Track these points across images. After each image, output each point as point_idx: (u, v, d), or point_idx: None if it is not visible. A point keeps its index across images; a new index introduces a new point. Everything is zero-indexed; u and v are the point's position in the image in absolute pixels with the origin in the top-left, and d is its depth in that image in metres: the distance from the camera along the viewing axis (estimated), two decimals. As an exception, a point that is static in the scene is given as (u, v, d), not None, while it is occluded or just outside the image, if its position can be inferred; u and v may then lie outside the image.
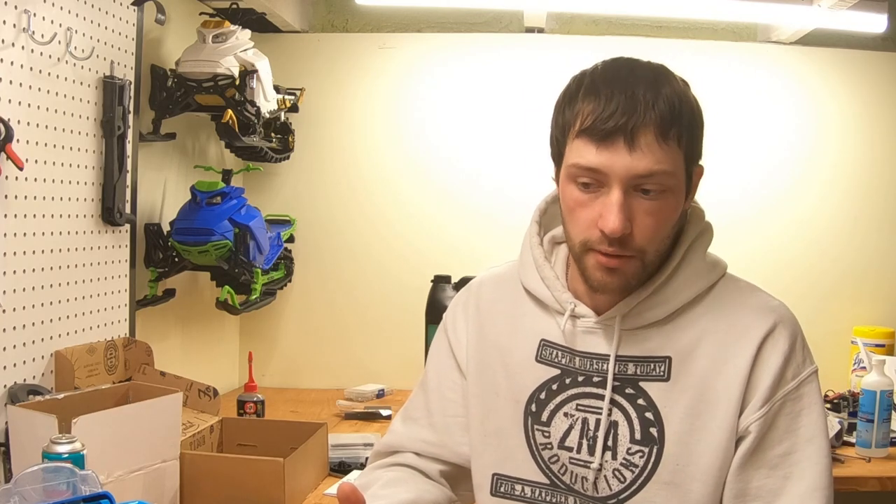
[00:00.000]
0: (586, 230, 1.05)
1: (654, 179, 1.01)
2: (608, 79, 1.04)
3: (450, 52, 2.77)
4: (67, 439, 1.25)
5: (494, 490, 1.17)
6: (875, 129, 2.72)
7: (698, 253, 1.12)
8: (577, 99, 1.05)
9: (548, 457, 1.13)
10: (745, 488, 1.05)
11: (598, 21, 2.79)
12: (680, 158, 1.04)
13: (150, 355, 1.98)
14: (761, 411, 1.05)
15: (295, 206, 2.79)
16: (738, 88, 2.71)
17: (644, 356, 1.09)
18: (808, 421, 1.06)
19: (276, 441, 1.80)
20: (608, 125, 1.00)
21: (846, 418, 2.17)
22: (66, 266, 1.79)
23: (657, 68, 1.07)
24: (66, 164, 1.78)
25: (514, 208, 2.70)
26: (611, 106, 1.00)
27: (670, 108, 1.01)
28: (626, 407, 1.09)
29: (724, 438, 1.05)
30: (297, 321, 2.83)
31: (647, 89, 1.01)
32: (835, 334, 2.68)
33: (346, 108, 2.79)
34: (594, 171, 1.02)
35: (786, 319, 1.09)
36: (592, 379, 1.11)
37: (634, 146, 1.00)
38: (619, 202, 1.01)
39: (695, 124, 1.06)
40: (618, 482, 1.09)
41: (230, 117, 2.16)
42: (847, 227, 2.73)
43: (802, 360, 1.08)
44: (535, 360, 1.16)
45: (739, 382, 1.05)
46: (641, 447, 1.08)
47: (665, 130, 1.01)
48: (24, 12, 1.61)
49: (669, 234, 1.08)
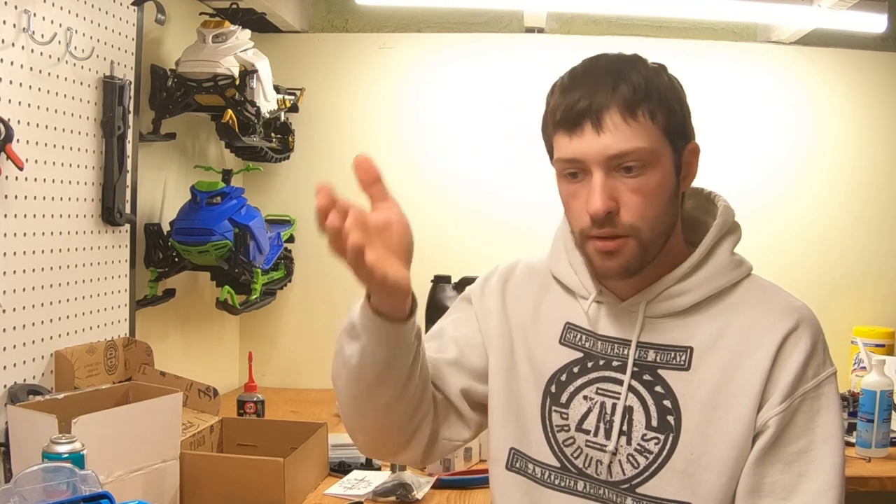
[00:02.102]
0: (580, 219, 1.07)
1: (630, 156, 1.03)
2: (576, 76, 1.08)
3: (450, 52, 2.77)
4: (67, 439, 1.25)
5: (510, 464, 1.18)
6: (875, 129, 2.72)
7: (726, 248, 1.15)
8: (551, 98, 1.10)
9: (562, 439, 1.14)
10: (759, 483, 1.06)
11: (598, 21, 2.79)
12: (656, 134, 1.05)
13: (150, 355, 1.98)
14: (780, 407, 1.05)
15: (295, 206, 2.79)
16: (738, 88, 2.71)
17: (666, 344, 1.10)
18: (825, 420, 1.07)
19: (276, 441, 1.80)
20: (573, 112, 1.04)
21: (846, 418, 2.17)
22: (66, 266, 1.79)
23: (623, 56, 1.09)
24: (66, 164, 1.78)
25: (513, 208, 2.71)
26: (575, 94, 1.04)
27: (634, 87, 1.03)
28: (642, 393, 1.10)
29: (742, 432, 1.06)
30: (297, 321, 2.83)
31: (609, 75, 1.05)
32: (835, 334, 2.64)
33: (346, 108, 2.79)
34: (573, 160, 1.05)
35: (809, 320, 1.11)
36: (612, 363, 1.12)
37: (602, 127, 1.03)
38: (599, 184, 1.03)
39: (671, 101, 1.07)
40: (631, 467, 1.09)
41: (230, 117, 2.16)
42: (847, 227, 2.73)
43: (823, 361, 1.09)
44: (559, 343, 1.17)
45: (760, 377, 1.06)
46: (657, 434, 1.09)
47: (631, 108, 1.03)
48: (24, 12, 1.61)
49: (664, 211, 1.08)
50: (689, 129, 1.12)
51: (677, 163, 1.09)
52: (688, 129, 1.11)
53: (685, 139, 1.10)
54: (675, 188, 1.10)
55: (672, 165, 1.08)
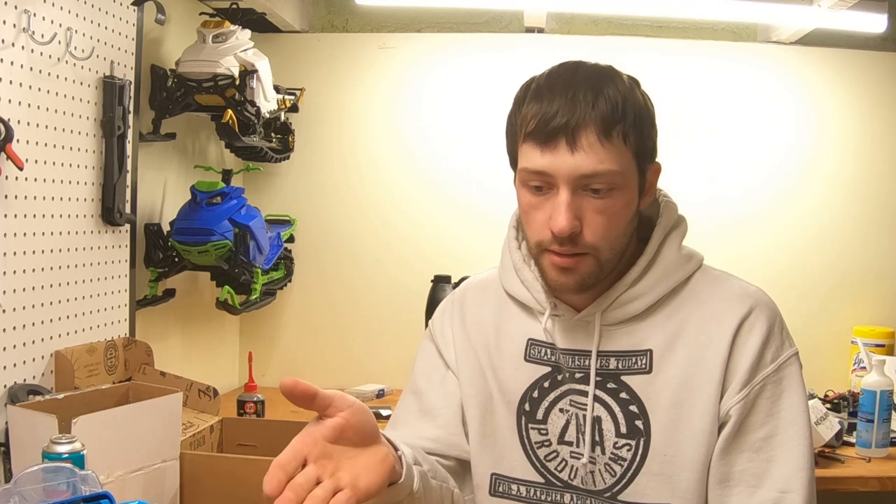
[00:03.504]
0: (539, 232, 1.06)
1: (600, 179, 1.02)
2: (552, 82, 1.05)
3: (450, 52, 2.77)
4: (67, 439, 1.25)
5: (493, 490, 1.17)
6: (875, 129, 2.72)
7: (672, 246, 1.13)
8: (523, 104, 1.06)
9: (544, 455, 1.14)
10: (728, 472, 1.06)
11: (598, 21, 2.79)
12: (627, 156, 1.04)
13: (150, 355, 1.98)
14: (740, 394, 1.05)
15: (295, 206, 2.79)
16: (738, 88, 2.70)
17: (625, 350, 1.10)
18: (788, 403, 1.06)
19: (276, 441, 1.79)
20: (549, 127, 1.01)
21: (846, 418, 2.17)
22: (66, 266, 1.79)
23: (601, 69, 1.07)
24: (66, 164, 1.78)
25: (513, 208, 2.70)
26: (552, 108, 1.02)
27: (612, 107, 1.02)
28: (608, 402, 1.10)
29: (708, 425, 1.06)
30: (297, 321, 2.83)
31: (588, 89, 1.02)
32: (835, 334, 2.68)
33: (346, 108, 2.79)
34: (541, 173, 1.03)
35: (762, 303, 1.10)
36: (576, 375, 1.12)
37: (577, 147, 1.01)
38: (565, 202, 1.02)
39: (643, 122, 1.06)
40: (609, 476, 1.10)
41: (230, 117, 2.16)
42: (847, 227, 2.73)
43: (781, 343, 1.09)
44: (525, 360, 1.16)
45: (719, 368, 1.06)
46: (628, 440, 1.09)
47: (607, 129, 1.01)
48: (24, 12, 1.61)
49: (624, 231, 1.08)
50: (656, 150, 1.11)
51: (641, 183, 1.08)
52: (654, 151, 1.10)
53: (651, 160, 1.10)
54: (637, 207, 1.09)
55: (637, 186, 1.07)
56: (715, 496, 1.06)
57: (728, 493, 1.05)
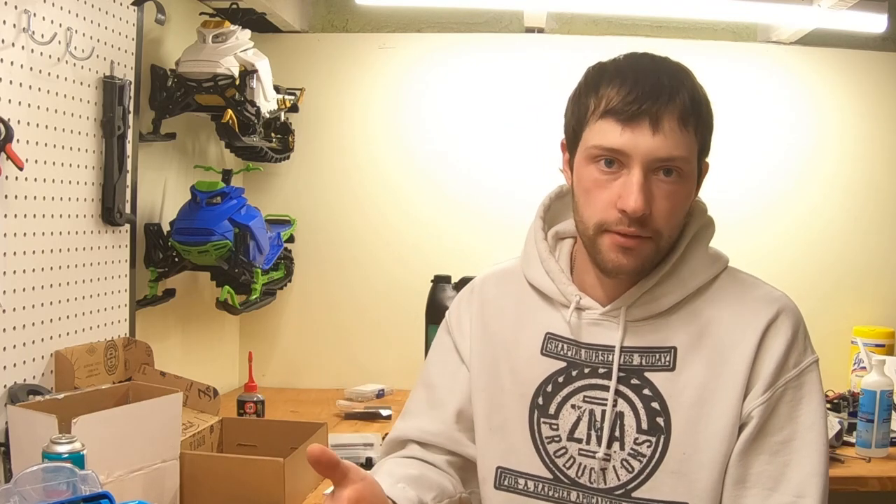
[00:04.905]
0: (603, 211, 1.07)
1: (674, 163, 1.05)
2: (633, 66, 1.08)
3: (450, 52, 2.77)
4: (67, 439, 1.25)
5: (498, 483, 1.17)
6: (875, 129, 2.72)
7: (701, 245, 1.15)
8: (600, 84, 1.08)
9: (553, 450, 1.14)
10: (745, 474, 1.06)
11: (598, 21, 2.79)
12: (695, 148, 1.07)
13: (150, 355, 1.98)
14: (763, 397, 1.06)
15: (295, 206, 2.79)
16: (738, 88, 2.71)
17: (649, 347, 1.11)
18: (808, 409, 1.08)
19: (276, 441, 1.80)
20: (634, 107, 1.03)
21: (846, 418, 2.16)
22: (66, 266, 1.79)
23: (679, 66, 1.11)
24: (66, 164, 1.78)
25: (514, 208, 2.70)
26: (637, 89, 1.04)
27: (692, 98, 1.05)
28: (631, 397, 1.10)
29: (728, 425, 1.06)
30: (297, 321, 2.83)
31: (671, 78, 1.06)
32: (835, 334, 2.68)
33: (346, 108, 2.79)
34: (617, 151, 1.05)
35: (788, 309, 1.11)
36: (598, 370, 1.12)
37: (658, 129, 1.03)
38: (640, 182, 1.03)
39: (710, 119, 1.11)
40: (626, 472, 1.10)
41: (230, 117, 2.16)
42: (847, 226, 2.73)
43: (804, 349, 1.10)
44: (541, 354, 1.17)
45: (743, 370, 1.07)
46: (649, 437, 1.09)
47: (686, 118, 1.05)
48: (24, 12, 1.61)
49: (681, 221, 1.11)
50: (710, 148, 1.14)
51: (698, 178, 1.12)
52: (710, 148, 1.14)
53: (706, 156, 1.13)
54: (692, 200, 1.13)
55: (696, 177, 1.11)
56: (730, 497, 1.07)
57: (743, 494, 1.06)
